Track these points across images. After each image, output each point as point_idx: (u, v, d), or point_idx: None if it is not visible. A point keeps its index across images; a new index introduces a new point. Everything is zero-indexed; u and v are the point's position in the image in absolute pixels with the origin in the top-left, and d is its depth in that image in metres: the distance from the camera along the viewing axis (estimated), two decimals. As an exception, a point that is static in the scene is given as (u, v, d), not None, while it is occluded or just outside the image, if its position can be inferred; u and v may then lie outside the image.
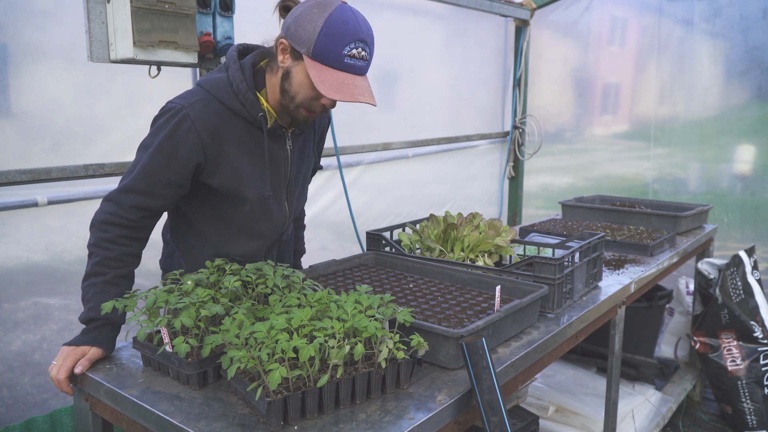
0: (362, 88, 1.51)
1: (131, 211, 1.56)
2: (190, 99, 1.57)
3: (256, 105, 1.60)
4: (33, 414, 2.23)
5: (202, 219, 1.76)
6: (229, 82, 1.59)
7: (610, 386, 2.40)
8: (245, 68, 1.60)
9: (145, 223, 1.61)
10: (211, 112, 1.57)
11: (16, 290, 2.24)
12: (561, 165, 4.87)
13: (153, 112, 1.62)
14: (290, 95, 1.57)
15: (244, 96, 1.58)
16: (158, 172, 1.55)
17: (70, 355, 1.43)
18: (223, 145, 1.60)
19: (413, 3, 3.81)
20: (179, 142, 1.54)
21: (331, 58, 1.47)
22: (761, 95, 3.83)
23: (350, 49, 1.48)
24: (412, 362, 1.31)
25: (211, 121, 1.57)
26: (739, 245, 3.83)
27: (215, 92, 1.59)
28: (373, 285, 1.89)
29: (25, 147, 2.21)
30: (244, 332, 1.21)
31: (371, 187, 3.69)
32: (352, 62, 1.49)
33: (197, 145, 1.55)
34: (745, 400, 3.09)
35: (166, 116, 1.56)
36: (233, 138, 1.61)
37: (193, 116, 1.54)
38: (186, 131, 1.54)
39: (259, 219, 1.73)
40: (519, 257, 2.14)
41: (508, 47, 4.80)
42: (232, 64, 1.61)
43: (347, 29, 1.46)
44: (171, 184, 1.58)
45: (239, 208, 1.70)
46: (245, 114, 1.60)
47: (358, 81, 1.51)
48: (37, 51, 2.18)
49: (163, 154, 1.54)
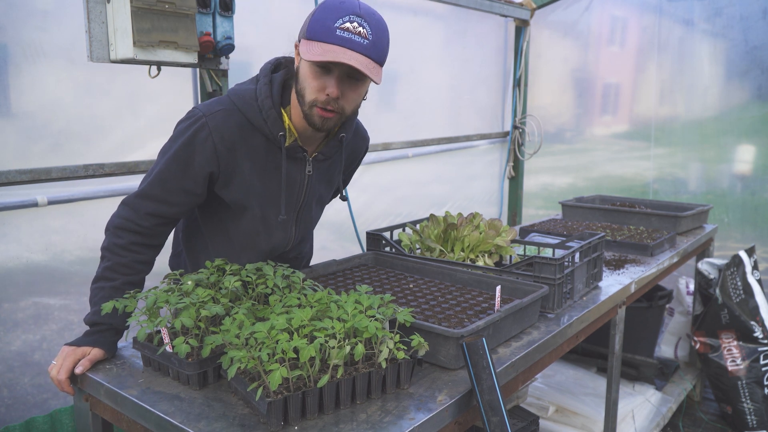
0: (351, 57, 1.38)
1: (146, 218, 1.56)
2: (213, 108, 1.55)
3: (278, 123, 1.55)
4: (33, 414, 2.23)
5: (209, 228, 1.77)
6: (255, 96, 1.55)
7: (610, 386, 2.40)
8: (275, 83, 1.56)
9: (159, 231, 1.60)
10: (232, 124, 1.54)
11: (16, 290, 2.24)
12: (561, 165, 4.87)
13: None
14: (301, 95, 1.51)
15: (267, 113, 1.54)
16: (174, 179, 1.55)
17: (70, 355, 1.43)
18: (238, 159, 1.57)
19: (413, 3, 3.81)
20: (196, 150, 1.53)
21: (322, 32, 1.39)
22: (761, 95, 3.83)
23: (343, 22, 1.38)
24: (412, 362, 1.31)
25: (229, 133, 1.54)
26: (739, 245, 3.83)
27: (240, 104, 1.55)
28: (373, 285, 1.89)
29: (25, 147, 2.21)
30: (245, 332, 1.21)
31: (371, 187, 3.69)
32: (346, 35, 1.38)
33: (212, 155, 1.54)
34: (745, 400, 3.09)
35: (187, 123, 1.55)
36: (250, 153, 1.58)
37: (212, 126, 1.52)
38: (203, 140, 1.53)
39: (260, 238, 1.72)
40: (519, 257, 2.14)
41: (508, 47, 4.80)
42: (263, 77, 1.57)
43: (342, 6, 1.40)
44: (186, 192, 1.57)
45: (243, 225, 1.69)
46: (266, 130, 1.56)
47: (350, 53, 1.38)
48: (37, 51, 2.18)
49: (180, 161, 1.54)
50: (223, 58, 2.38)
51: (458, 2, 3.91)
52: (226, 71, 2.43)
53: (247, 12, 2.60)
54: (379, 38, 1.44)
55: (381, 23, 1.46)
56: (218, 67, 2.37)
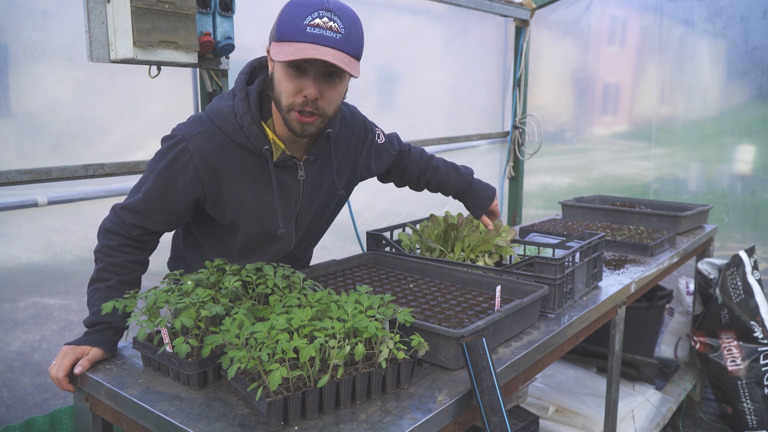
0: (325, 52, 1.32)
1: (131, 228, 1.57)
2: (193, 130, 1.51)
3: (261, 138, 1.50)
4: (33, 414, 2.23)
5: (205, 240, 1.78)
6: (233, 113, 1.50)
7: (610, 386, 2.40)
8: (251, 96, 1.50)
9: (146, 239, 1.61)
10: (212, 146, 1.50)
11: (16, 290, 2.24)
12: (561, 165, 4.87)
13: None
14: (278, 101, 1.45)
15: (248, 129, 1.49)
16: (157, 199, 1.54)
17: (69, 353, 1.43)
18: (223, 180, 1.54)
19: (413, 3, 3.81)
20: (177, 175, 1.51)
21: (292, 31, 1.33)
22: (761, 95, 3.83)
23: (312, 18, 1.33)
24: (412, 362, 1.31)
25: (211, 155, 1.50)
26: (739, 245, 3.83)
27: (220, 123, 1.51)
28: (374, 285, 1.89)
29: (25, 147, 2.21)
30: (245, 332, 1.21)
31: (371, 187, 3.67)
32: (317, 32, 1.32)
33: (194, 181, 1.52)
34: (745, 400, 3.09)
35: (168, 144, 1.52)
36: (236, 171, 1.54)
37: (192, 150, 1.49)
38: (184, 165, 1.50)
39: (259, 247, 1.71)
40: (519, 257, 2.14)
41: (508, 47, 4.80)
42: (238, 91, 1.51)
43: (310, 2, 1.35)
44: (168, 212, 1.56)
45: (239, 239, 1.68)
46: (250, 146, 1.52)
47: (322, 49, 1.33)
48: (37, 51, 2.18)
49: (162, 183, 1.52)
50: (223, 58, 2.38)
51: (458, 2, 3.91)
52: (226, 71, 2.43)
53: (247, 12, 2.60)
54: (352, 31, 1.38)
55: (353, 16, 1.40)
56: (218, 67, 2.37)
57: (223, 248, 1.75)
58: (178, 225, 1.66)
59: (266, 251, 1.73)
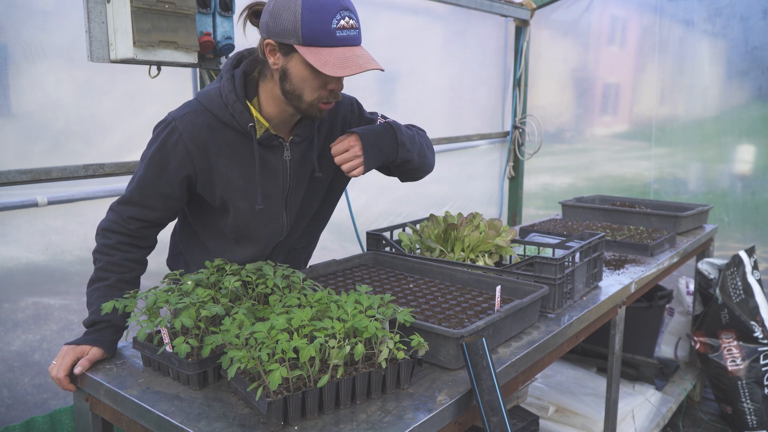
0: (364, 57, 1.43)
1: (130, 222, 1.59)
2: (182, 111, 1.57)
3: (246, 115, 1.56)
4: (33, 414, 2.23)
5: (201, 227, 1.79)
6: (220, 93, 1.56)
7: (610, 386, 2.40)
8: (236, 77, 1.56)
9: (145, 233, 1.63)
10: (201, 124, 1.55)
11: (16, 290, 2.24)
12: (561, 165, 4.87)
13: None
14: (296, 94, 1.50)
15: (233, 107, 1.55)
16: (151, 184, 1.57)
17: (69, 353, 1.43)
18: (212, 157, 1.58)
19: (413, 3, 3.81)
20: (168, 155, 1.55)
21: (324, 37, 1.40)
22: (761, 95, 3.83)
23: (338, 22, 1.40)
24: (412, 362, 1.31)
25: (200, 134, 1.55)
26: (739, 245, 3.83)
27: (207, 103, 1.57)
28: (373, 285, 1.89)
29: (25, 147, 2.21)
30: (245, 332, 1.21)
31: (371, 187, 3.69)
32: (345, 34, 1.42)
33: (185, 158, 1.55)
34: (745, 400, 3.09)
35: (159, 128, 1.58)
36: (224, 149, 1.59)
37: (181, 129, 1.54)
38: (174, 144, 1.54)
39: (252, 230, 1.72)
40: (519, 257, 2.14)
41: (508, 47, 4.80)
42: (225, 73, 1.58)
43: (327, 2, 1.40)
44: (164, 197, 1.59)
45: (231, 219, 1.69)
46: (236, 125, 1.57)
47: (357, 51, 1.43)
48: (37, 51, 2.18)
49: (155, 166, 1.56)
50: (223, 58, 2.38)
51: (458, 2, 3.91)
52: (226, 71, 2.42)
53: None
54: (359, 21, 1.47)
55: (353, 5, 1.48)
56: (218, 67, 2.37)
57: (218, 234, 1.75)
58: (174, 212, 1.67)
59: (260, 236, 1.73)
